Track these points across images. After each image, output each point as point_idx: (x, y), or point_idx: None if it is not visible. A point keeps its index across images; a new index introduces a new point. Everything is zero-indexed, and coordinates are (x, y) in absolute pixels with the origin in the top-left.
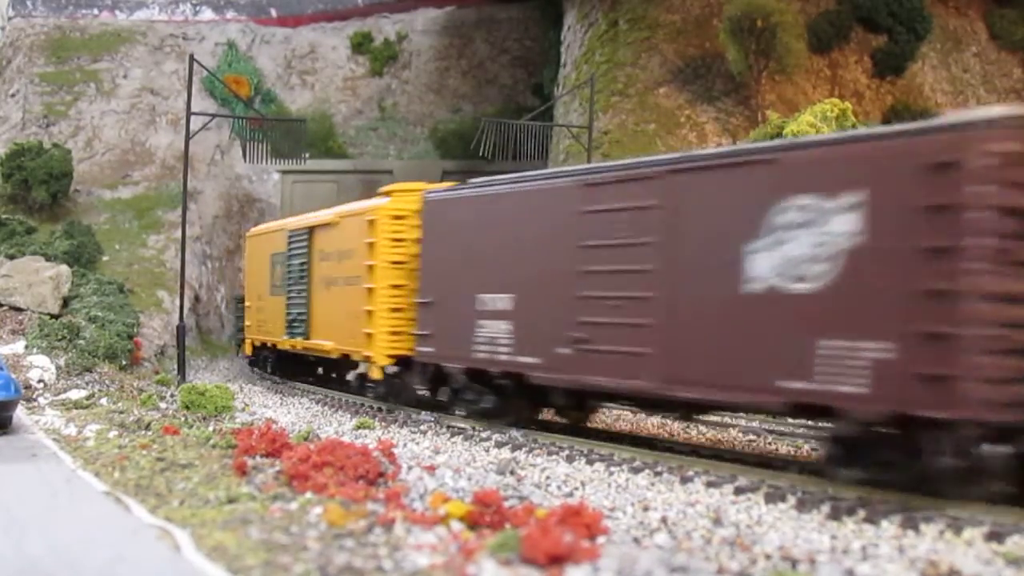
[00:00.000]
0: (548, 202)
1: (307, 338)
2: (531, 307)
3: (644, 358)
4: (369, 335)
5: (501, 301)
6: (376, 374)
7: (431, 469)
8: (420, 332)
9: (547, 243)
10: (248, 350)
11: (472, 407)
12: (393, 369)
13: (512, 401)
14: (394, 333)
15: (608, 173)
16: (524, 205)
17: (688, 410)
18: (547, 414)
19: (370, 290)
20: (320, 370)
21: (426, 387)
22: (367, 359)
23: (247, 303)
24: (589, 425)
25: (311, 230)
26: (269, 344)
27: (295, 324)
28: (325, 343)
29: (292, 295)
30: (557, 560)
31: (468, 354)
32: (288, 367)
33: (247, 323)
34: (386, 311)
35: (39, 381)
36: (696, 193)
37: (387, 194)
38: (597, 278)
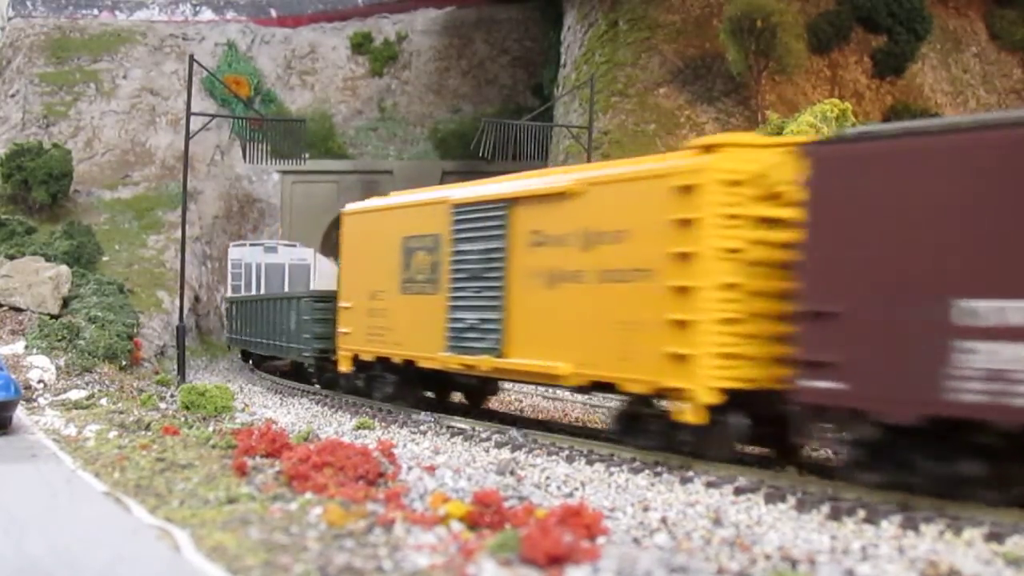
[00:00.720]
0: None
1: (500, 355)
2: None
3: None
4: (679, 357)
5: None
6: (694, 416)
7: (431, 469)
8: (809, 358)
9: None
10: (346, 365)
11: (919, 476)
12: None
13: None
14: (727, 355)
15: None
16: None
17: None
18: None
19: (682, 291)
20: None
21: (812, 440)
22: (666, 392)
23: (345, 302)
24: (589, 425)
25: (510, 203)
26: (397, 360)
27: (470, 335)
28: (549, 364)
29: (462, 294)
30: (557, 560)
31: (933, 394)
32: (406, 390)
33: (343, 329)
34: (714, 323)
35: (39, 381)
36: None
37: (707, 148)
38: None
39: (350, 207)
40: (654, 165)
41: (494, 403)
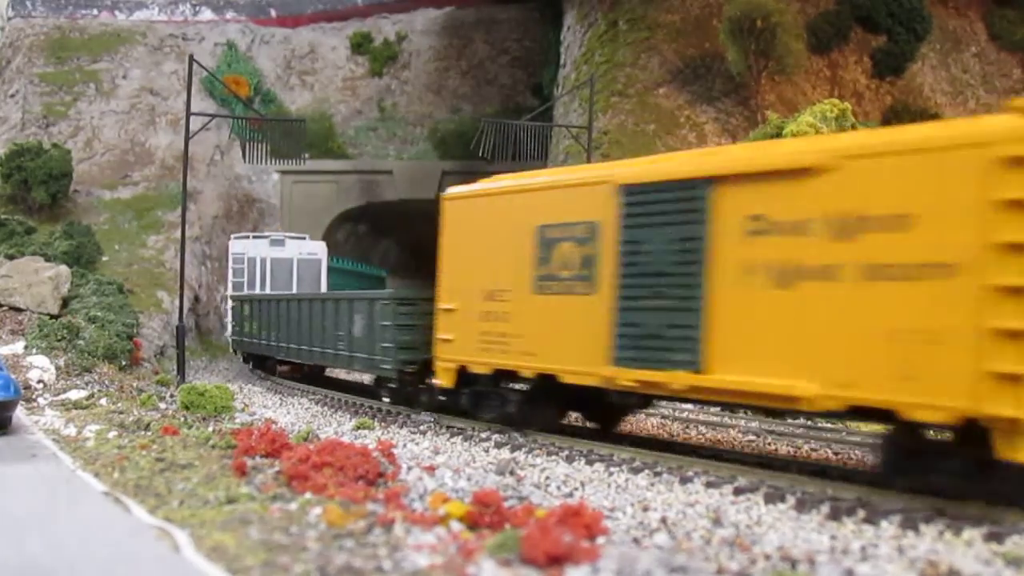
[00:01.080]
0: None
1: (699, 370)
2: None
3: None
4: (1011, 378)
5: None
6: None
7: (431, 469)
8: None
9: None
10: (447, 379)
11: None
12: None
13: None
14: None
15: None
16: None
17: None
18: None
19: (1014, 292)
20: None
21: None
22: (986, 423)
23: (446, 304)
24: (587, 425)
25: (713, 182)
26: (527, 374)
27: (651, 344)
28: (782, 383)
29: (636, 294)
30: (557, 560)
31: None
32: (535, 409)
33: (444, 336)
34: None
35: (39, 381)
36: None
37: None
38: None
39: (455, 190)
40: (956, 131)
41: None
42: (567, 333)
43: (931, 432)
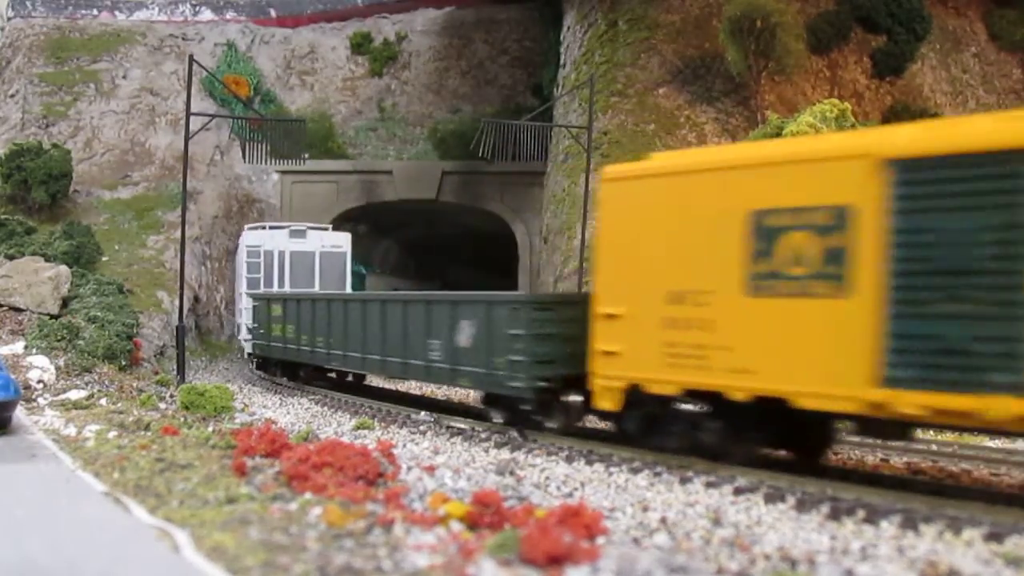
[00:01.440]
0: None
1: None
2: None
3: None
4: None
5: None
6: None
7: (430, 469)
8: None
9: None
10: (610, 402)
11: None
12: None
13: None
14: None
15: None
16: None
17: None
18: None
19: None
20: None
21: None
22: None
23: (608, 308)
24: (588, 425)
25: None
26: (740, 396)
27: (950, 361)
28: None
29: (924, 297)
30: (556, 560)
31: None
32: (741, 439)
33: (605, 347)
34: None
35: (39, 382)
36: None
37: None
38: None
39: (619, 168)
40: None
41: None
42: (802, 345)
43: None
